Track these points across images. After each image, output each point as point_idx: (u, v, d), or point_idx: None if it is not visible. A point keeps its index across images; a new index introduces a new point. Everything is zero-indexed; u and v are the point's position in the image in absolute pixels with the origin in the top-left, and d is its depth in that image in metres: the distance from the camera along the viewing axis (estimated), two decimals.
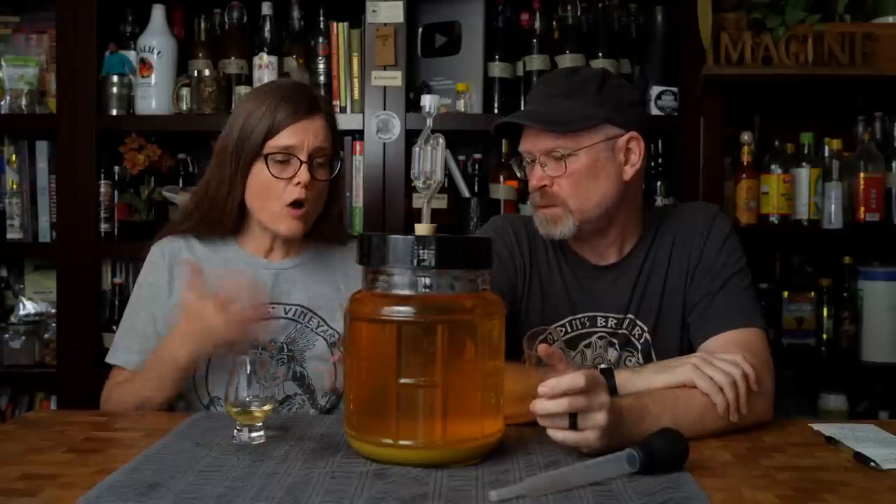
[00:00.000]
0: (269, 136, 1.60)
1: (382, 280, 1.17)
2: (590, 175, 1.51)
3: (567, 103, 1.51)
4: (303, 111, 1.61)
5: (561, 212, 1.53)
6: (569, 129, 1.49)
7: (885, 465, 1.16)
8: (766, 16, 2.32)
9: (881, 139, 2.53)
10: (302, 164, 1.60)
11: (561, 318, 1.61)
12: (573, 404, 1.15)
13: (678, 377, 1.35)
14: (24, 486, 1.08)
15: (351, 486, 1.07)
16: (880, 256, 2.56)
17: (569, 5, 2.46)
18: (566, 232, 1.54)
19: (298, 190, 1.60)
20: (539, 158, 1.53)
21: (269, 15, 2.48)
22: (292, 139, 1.60)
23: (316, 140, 1.62)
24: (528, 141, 1.55)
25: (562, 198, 1.52)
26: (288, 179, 1.60)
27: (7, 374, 2.47)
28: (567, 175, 1.51)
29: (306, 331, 1.68)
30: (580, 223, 1.53)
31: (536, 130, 1.52)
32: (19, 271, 2.64)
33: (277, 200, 1.61)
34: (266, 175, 1.60)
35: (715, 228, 1.60)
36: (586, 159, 1.50)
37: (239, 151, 1.62)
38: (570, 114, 1.50)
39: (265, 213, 1.63)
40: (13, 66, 2.46)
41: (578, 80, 1.54)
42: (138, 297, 1.70)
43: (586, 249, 1.63)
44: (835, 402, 2.49)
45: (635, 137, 1.54)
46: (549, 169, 1.52)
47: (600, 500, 1.02)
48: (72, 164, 2.39)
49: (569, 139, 1.50)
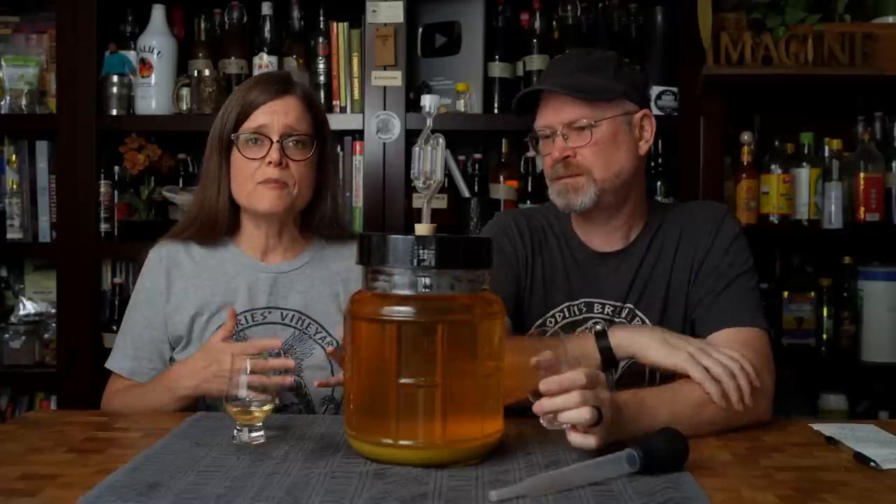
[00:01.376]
0: (242, 120, 1.61)
1: (382, 280, 1.17)
2: (611, 145, 1.56)
3: (588, 77, 1.56)
4: (273, 92, 1.62)
5: (584, 181, 1.56)
6: (595, 99, 1.54)
7: (885, 465, 1.16)
8: (766, 16, 2.32)
9: (881, 139, 2.53)
10: (273, 144, 1.60)
11: (559, 305, 1.62)
12: (584, 398, 1.15)
13: (672, 360, 1.36)
14: (24, 486, 1.08)
15: (351, 486, 1.07)
16: (880, 256, 2.56)
17: (569, 5, 2.46)
18: (586, 202, 1.56)
19: (271, 169, 1.59)
20: (561, 131, 1.56)
21: (269, 15, 2.48)
22: (262, 119, 1.61)
23: (287, 118, 1.61)
24: (549, 114, 1.58)
25: (585, 167, 1.55)
26: (260, 159, 1.60)
27: (7, 374, 2.47)
28: (591, 144, 1.55)
29: (304, 338, 1.66)
30: (600, 194, 1.56)
31: (559, 102, 1.56)
32: (19, 271, 2.64)
33: (251, 179, 1.61)
34: (240, 158, 1.61)
35: (724, 228, 1.61)
36: (608, 130, 1.56)
37: (219, 144, 1.64)
38: (594, 85, 1.55)
39: (243, 194, 1.63)
40: (13, 66, 2.46)
41: (596, 58, 1.61)
42: (136, 301, 1.70)
43: (592, 235, 1.65)
44: (835, 402, 2.49)
45: (648, 115, 1.61)
46: (572, 140, 1.55)
47: (600, 500, 1.02)
48: (72, 164, 2.39)
49: (594, 109, 1.55)
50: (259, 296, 1.66)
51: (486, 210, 2.42)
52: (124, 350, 1.66)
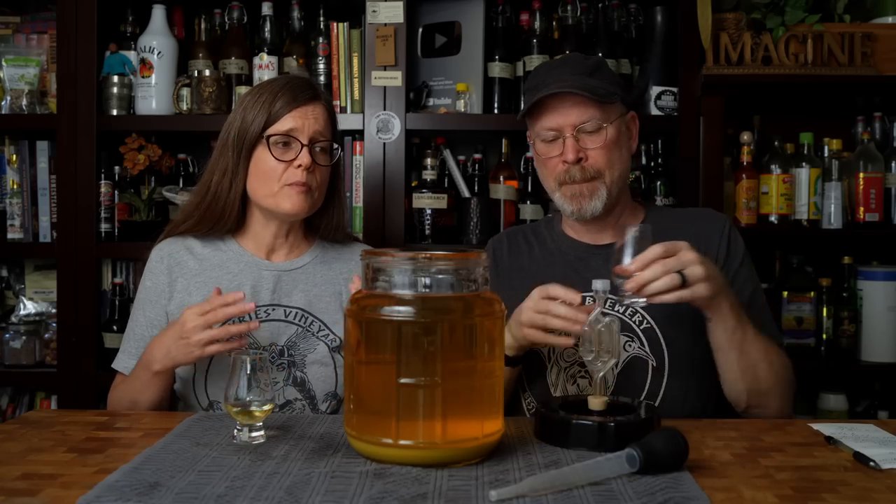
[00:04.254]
0: (270, 123, 1.62)
1: (382, 280, 1.17)
2: (617, 146, 1.60)
3: (591, 80, 1.58)
4: (303, 98, 1.64)
5: (598, 185, 1.59)
6: (605, 101, 1.56)
7: (884, 465, 1.16)
8: (766, 16, 2.32)
9: (880, 139, 2.53)
10: (303, 148, 1.61)
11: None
12: (668, 265, 1.25)
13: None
14: (25, 485, 1.08)
15: (351, 486, 1.07)
16: (879, 256, 2.56)
17: (569, 5, 2.46)
18: (598, 207, 1.59)
19: (300, 172, 1.61)
20: (571, 133, 1.57)
21: (269, 15, 2.48)
22: (293, 123, 1.62)
23: (317, 124, 1.64)
24: (557, 116, 1.58)
25: (599, 169, 1.58)
26: (289, 162, 1.61)
27: (7, 374, 2.47)
28: (603, 146, 1.57)
29: (307, 335, 1.67)
30: (608, 197, 1.59)
31: (567, 105, 1.57)
32: (19, 271, 2.64)
33: (277, 180, 1.62)
34: (268, 159, 1.62)
35: (733, 241, 1.64)
36: (614, 131, 1.59)
37: (240, 142, 1.63)
38: (600, 88, 1.57)
39: (267, 194, 1.63)
40: (14, 66, 2.46)
41: (594, 62, 1.64)
42: (138, 301, 1.71)
43: (584, 234, 1.68)
44: (834, 402, 2.49)
45: (634, 117, 1.68)
46: (584, 142, 1.57)
47: (600, 500, 1.02)
48: (72, 164, 2.39)
49: (602, 110, 1.57)
50: (262, 293, 1.67)
51: (486, 210, 2.43)
52: (128, 350, 1.68)
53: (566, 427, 1.26)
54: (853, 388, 2.54)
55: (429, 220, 2.41)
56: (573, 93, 1.55)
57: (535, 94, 1.59)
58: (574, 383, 1.59)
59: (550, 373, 1.62)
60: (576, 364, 1.59)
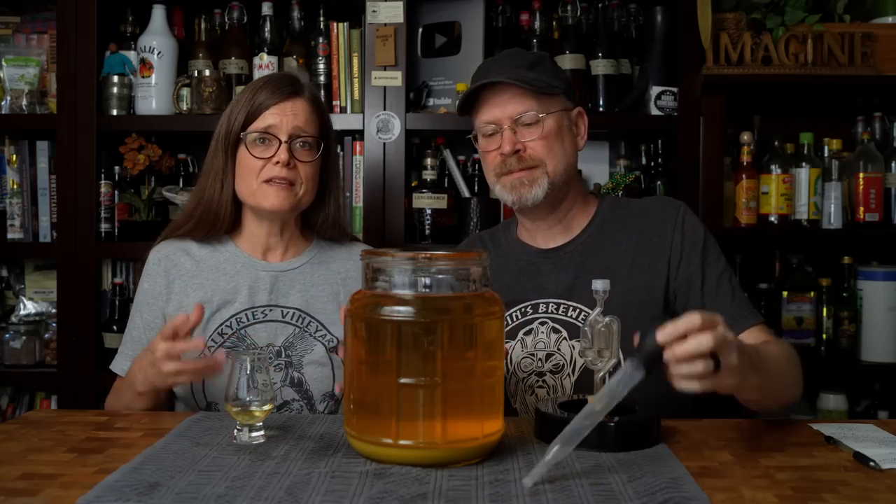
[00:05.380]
0: (251, 120, 1.62)
1: (382, 280, 1.17)
2: (558, 138, 1.59)
3: (530, 72, 1.58)
4: (282, 93, 1.63)
5: (538, 173, 1.57)
6: (543, 92, 1.56)
7: (884, 465, 1.16)
8: (766, 16, 2.32)
9: (880, 139, 2.53)
10: (281, 144, 1.61)
11: (508, 310, 1.61)
12: (716, 337, 1.07)
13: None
14: (25, 485, 1.08)
15: (351, 486, 1.07)
16: (879, 256, 2.56)
17: (569, 5, 2.46)
18: (539, 195, 1.57)
19: (278, 169, 1.60)
20: (508, 125, 1.56)
21: (269, 15, 2.48)
22: (272, 119, 1.62)
23: (296, 120, 1.63)
24: (495, 109, 1.58)
25: (538, 158, 1.57)
26: (267, 159, 1.61)
27: (7, 374, 2.47)
28: (541, 137, 1.57)
29: (305, 335, 1.67)
30: (551, 187, 1.57)
31: (504, 97, 1.57)
32: (19, 271, 2.64)
33: (256, 177, 1.62)
34: (248, 157, 1.62)
35: (688, 228, 1.58)
36: (554, 123, 1.58)
37: (226, 142, 1.64)
38: (539, 80, 1.57)
39: (248, 191, 1.63)
40: (14, 66, 2.46)
41: (534, 56, 1.64)
42: (136, 304, 1.71)
43: (536, 235, 1.67)
44: (834, 402, 2.49)
45: (582, 113, 1.66)
46: (521, 134, 1.57)
47: (600, 500, 1.02)
48: (72, 164, 2.39)
49: (540, 102, 1.56)
50: (260, 294, 1.67)
51: (486, 210, 2.43)
52: (125, 352, 1.68)
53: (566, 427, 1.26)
54: (853, 388, 2.54)
55: (429, 220, 2.41)
56: (509, 83, 1.55)
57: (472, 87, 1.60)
58: (532, 394, 1.59)
59: (509, 384, 1.61)
60: (533, 374, 1.60)
